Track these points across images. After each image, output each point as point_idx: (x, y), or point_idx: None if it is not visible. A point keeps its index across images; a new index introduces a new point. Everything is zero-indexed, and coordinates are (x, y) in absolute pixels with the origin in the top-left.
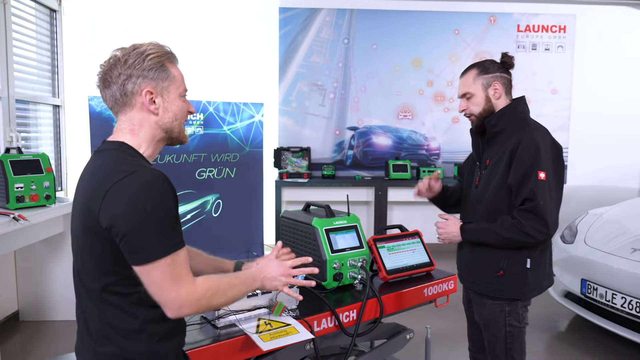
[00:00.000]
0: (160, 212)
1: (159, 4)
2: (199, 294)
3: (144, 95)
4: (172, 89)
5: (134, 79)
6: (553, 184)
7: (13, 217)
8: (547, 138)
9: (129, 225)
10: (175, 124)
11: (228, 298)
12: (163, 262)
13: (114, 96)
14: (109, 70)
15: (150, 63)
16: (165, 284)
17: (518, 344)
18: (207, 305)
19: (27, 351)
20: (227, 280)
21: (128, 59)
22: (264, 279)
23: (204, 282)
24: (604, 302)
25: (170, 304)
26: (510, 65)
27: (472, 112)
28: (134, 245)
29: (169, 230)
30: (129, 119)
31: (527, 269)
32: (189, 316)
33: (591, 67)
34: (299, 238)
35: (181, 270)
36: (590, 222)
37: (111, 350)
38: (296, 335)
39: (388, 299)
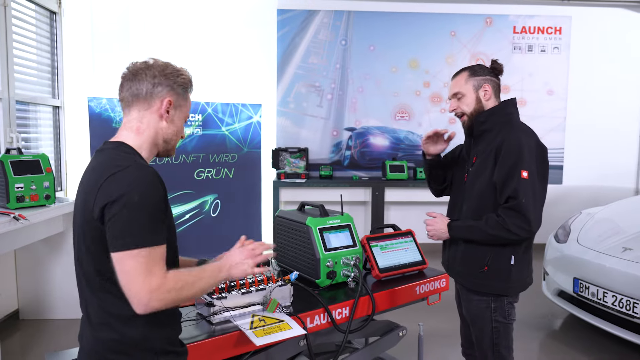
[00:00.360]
0: (147, 205)
1: (158, 6)
2: (168, 288)
3: (165, 102)
4: (183, 110)
5: (165, 86)
6: (536, 183)
7: (13, 217)
8: (532, 139)
9: (116, 211)
10: (174, 138)
11: (196, 291)
12: (138, 252)
13: (139, 90)
14: (145, 68)
15: (181, 80)
16: (136, 275)
17: (505, 340)
18: (176, 300)
19: (27, 349)
20: (195, 273)
21: (166, 69)
22: (230, 267)
23: (174, 276)
24: (596, 301)
25: (139, 298)
26: (500, 71)
27: (463, 111)
28: (116, 231)
29: (152, 224)
30: (140, 117)
31: (511, 265)
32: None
33: (587, 68)
34: (294, 237)
35: (155, 265)
36: (583, 222)
37: (110, 336)
38: (289, 331)
39: (380, 296)
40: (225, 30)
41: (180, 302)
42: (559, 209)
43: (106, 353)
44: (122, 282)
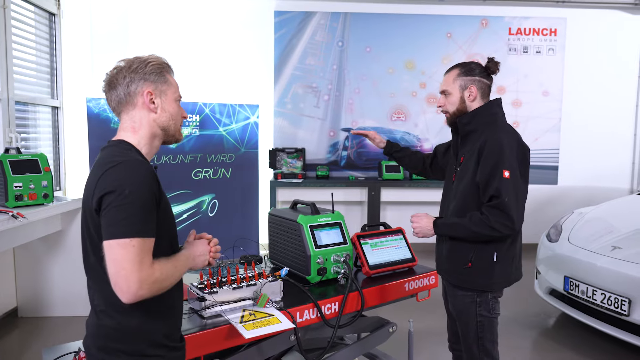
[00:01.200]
0: (139, 197)
1: (157, 8)
2: (154, 279)
3: (145, 95)
4: (169, 93)
5: (137, 81)
6: (518, 182)
7: (12, 215)
8: (514, 138)
9: (109, 202)
10: (171, 123)
11: (174, 280)
12: (129, 242)
13: (119, 96)
14: (115, 75)
15: (150, 68)
16: (125, 264)
17: (489, 334)
18: (160, 288)
19: (26, 346)
20: (173, 263)
21: (132, 65)
22: (194, 258)
23: (159, 267)
24: (585, 299)
25: (128, 287)
26: (493, 71)
27: (447, 109)
28: (108, 221)
29: (144, 216)
30: (130, 117)
31: (494, 262)
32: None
33: (582, 69)
34: (286, 234)
35: (144, 256)
36: (574, 221)
37: (110, 323)
38: (278, 324)
39: (370, 292)
40: (223, 31)
41: (162, 291)
42: (553, 209)
43: (106, 340)
44: (110, 270)
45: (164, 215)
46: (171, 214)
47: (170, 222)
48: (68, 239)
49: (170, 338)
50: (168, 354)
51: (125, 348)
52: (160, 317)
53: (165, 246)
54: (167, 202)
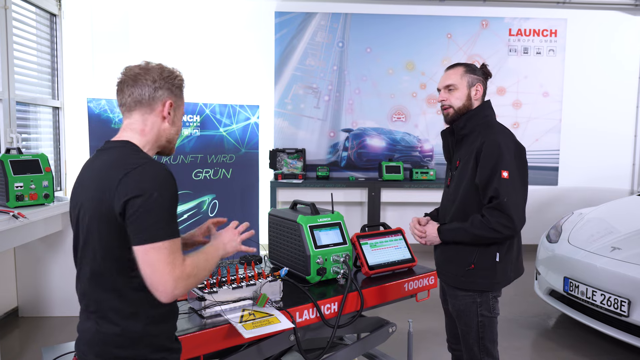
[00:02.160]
0: (165, 200)
1: (157, 8)
2: (187, 274)
3: (167, 105)
4: (181, 109)
5: (165, 89)
6: (516, 182)
7: (12, 215)
8: (509, 139)
9: (137, 207)
10: (176, 137)
11: (206, 273)
12: (162, 245)
13: (142, 96)
14: (144, 73)
15: (177, 82)
16: (160, 266)
17: (490, 333)
18: (194, 283)
19: (26, 346)
20: (203, 256)
21: (163, 72)
22: (224, 246)
23: (190, 262)
24: (585, 299)
25: (165, 287)
26: (488, 75)
27: (451, 104)
28: (138, 226)
29: (170, 218)
30: (144, 119)
31: (496, 262)
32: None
33: (582, 70)
34: (285, 234)
35: (176, 257)
36: (574, 222)
37: (113, 330)
38: (277, 324)
39: (369, 292)
40: (224, 32)
41: (196, 285)
42: (554, 210)
43: (107, 346)
44: (146, 273)
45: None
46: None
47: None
48: (68, 239)
49: (171, 339)
50: (169, 356)
51: (127, 354)
52: (164, 321)
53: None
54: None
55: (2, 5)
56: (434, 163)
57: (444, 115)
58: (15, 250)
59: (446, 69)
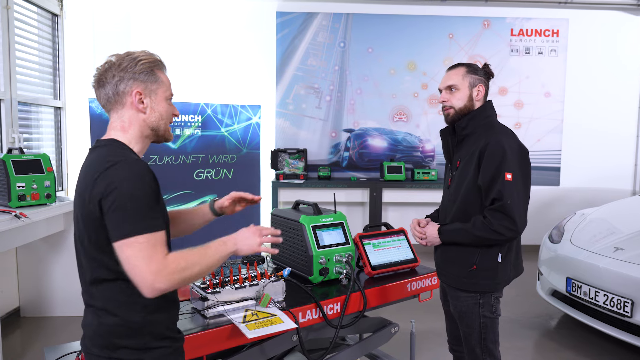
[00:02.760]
0: (139, 195)
1: (159, 9)
2: (171, 269)
3: (134, 95)
4: (159, 92)
5: (126, 80)
6: (519, 184)
7: (15, 215)
8: (513, 141)
9: (110, 204)
10: (161, 123)
11: (202, 267)
12: (135, 240)
13: (107, 95)
14: (104, 72)
15: (141, 67)
16: (137, 261)
17: (491, 334)
18: (182, 279)
19: (28, 346)
20: (197, 251)
21: (122, 62)
22: (237, 241)
23: (175, 257)
24: (588, 300)
25: (143, 282)
26: (491, 74)
27: (452, 105)
28: (112, 223)
29: (146, 212)
30: (120, 116)
31: (498, 263)
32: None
33: (584, 70)
34: (288, 234)
35: (155, 250)
36: (576, 222)
37: (114, 321)
38: (280, 324)
39: (372, 293)
40: (225, 32)
41: (188, 281)
42: (556, 210)
43: (110, 337)
44: (126, 269)
45: (162, 211)
46: (167, 220)
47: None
48: (70, 239)
49: (171, 329)
50: (172, 344)
51: (130, 343)
52: (162, 311)
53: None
54: (164, 207)
55: (4, 5)
56: (436, 163)
57: (445, 115)
58: (17, 250)
59: (448, 69)
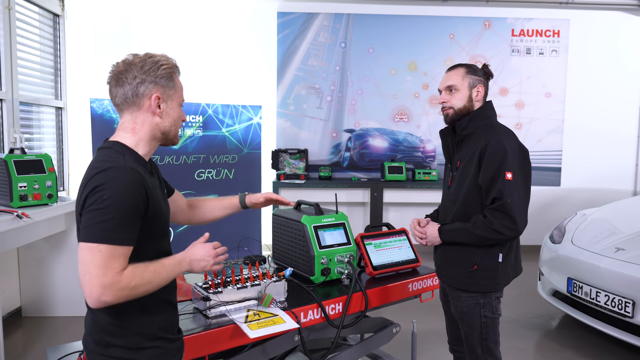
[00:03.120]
0: (117, 204)
1: (160, 9)
2: (121, 286)
3: (153, 99)
4: (175, 98)
5: (147, 83)
6: (520, 184)
7: (16, 215)
8: (513, 141)
9: (88, 205)
10: (173, 128)
11: (152, 286)
12: (97, 247)
13: (126, 95)
14: (125, 71)
15: (162, 72)
16: (91, 268)
17: (492, 334)
18: (129, 295)
19: (29, 346)
20: (153, 268)
21: (144, 65)
22: (191, 261)
23: (129, 274)
24: (589, 300)
25: (91, 291)
26: (490, 75)
27: (452, 105)
28: (85, 222)
29: (120, 223)
30: (133, 118)
31: (498, 263)
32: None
33: (585, 70)
34: (290, 234)
35: (112, 263)
36: (578, 223)
37: (106, 319)
38: (282, 324)
39: (374, 293)
40: (226, 32)
41: (134, 297)
42: (557, 210)
43: (102, 335)
44: (79, 272)
45: (152, 219)
46: (163, 217)
47: (159, 225)
48: (72, 239)
49: (166, 330)
50: (165, 345)
51: (121, 342)
52: (154, 312)
53: (153, 249)
54: (159, 205)
55: (6, 6)
56: (437, 163)
57: (444, 115)
58: (18, 250)
59: (447, 70)
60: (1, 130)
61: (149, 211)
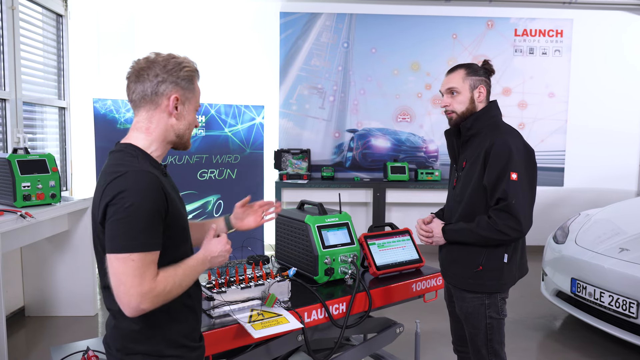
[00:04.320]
0: (141, 210)
1: (163, 9)
2: (157, 292)
3: (172, 100)
4: (192, 101)
5: (168, 83)
6: (525, 184)
7: (20, 215)
8: (519, 141)
9: (112, 214)
10: (187, 132)
11: (183, 289)
12: (128, 257)
13: (145, 92)
14: (147, 68)
15: (184, 74)
16: (125, 278)
17: (497, 335)
18: (164, 300)
19: (32, 345)
20: (182, 271)
21: (167, 64)
22: (212, 258)
23: (163, 279)
24: (593, 301)
25: (128, 301)
26: (492, 71)
27: (454, 109)
28: (110, 234)
29: (146, 229)
30: (149, 117)
31: (504, 263)
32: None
33: (588, 70)
34: (293, 234)
35: (146, 270)
36: (581, 223)
37: (129, 326)
38: (286, 324)
39: (377, 293)
40: (229, 32)
41: (168, 301)
42: (560, 211)
43: (124, 341)
44: (112, 284)
45: (173, 223)
46: (182, 219)
47: (180, 228)
48: (75, 238)
49: (189, 338)
50: (187, 354)
51: (144, 349)
52: (178, 318)
53: (174, 253)
54: (177, 208)
55: (9, 6)
56: (439, 164)
57: (448, 119)
58: (22, 250)
59: (447, 72)
60: (5, 130)
61: (168, 214)
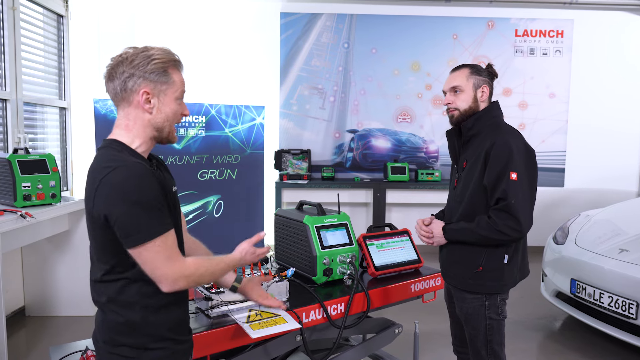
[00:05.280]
0: (143, 199)
1: (163, 9)
2: (190, 270)
3: (141, 94)
4: (169, 92)
5: (135, 78)
6: (525, 184)
7: (20, 215)
8: (520, 141)
9: (118, 213)
10: (166, 124)
11: (215, 276)
12: (152, 244)
13: (115, 90)
14: (116, 65)
15: (153, 67)
16: (158, 263)
17: (497, 336)
18: (198, 281)
19: (33, 345)
20: (217, 262)
21: (135, 59)
22: (243, 257)
23: (194, 261)
24: (593, 302)
25: (165, 279)
26: (495, 75)
27: (457, 107)
28: (124, 231)
29: (154, 215)
30: (125, 114)
31: (504, 264)
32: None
33: (589, 71)
34: (292, 235)
35: (171, 250)
36: (581, 224)
37: (115, 318)
38: (284, 324)
39: (376, 293)
40: (229, 32)
41: (200, 284)
42: (560, 211)
43: (110, 333)
44: (147, 271)
45: (172, 209)
46: (179, 216)
47: (175, 217)
48: (75, 238)
49: (174, 331)
50: (173, 346)
51: (129, 341)
52: (163, 312)
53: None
54: (175, 203)
55: (10, 6)
56: (440, 164)
57: (450, 117)
58: (22, 249)
59: (451, 70)
60: (5, 130)
61: (168, 197)
